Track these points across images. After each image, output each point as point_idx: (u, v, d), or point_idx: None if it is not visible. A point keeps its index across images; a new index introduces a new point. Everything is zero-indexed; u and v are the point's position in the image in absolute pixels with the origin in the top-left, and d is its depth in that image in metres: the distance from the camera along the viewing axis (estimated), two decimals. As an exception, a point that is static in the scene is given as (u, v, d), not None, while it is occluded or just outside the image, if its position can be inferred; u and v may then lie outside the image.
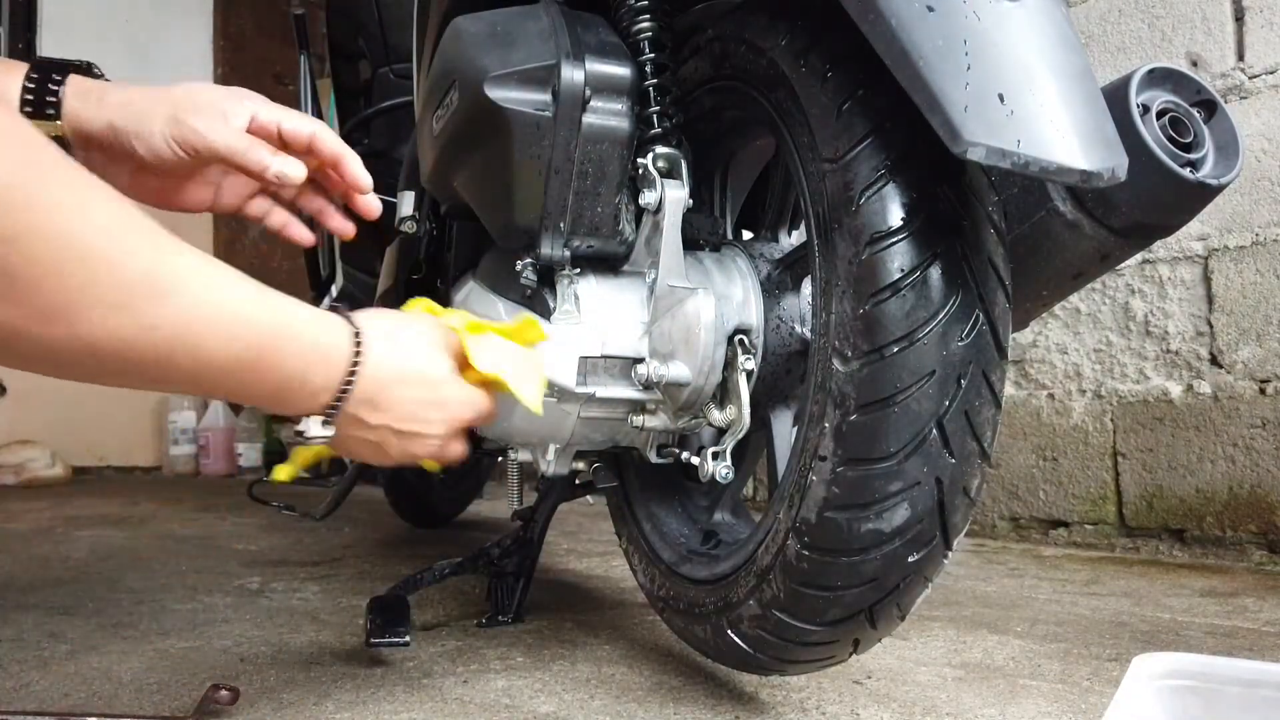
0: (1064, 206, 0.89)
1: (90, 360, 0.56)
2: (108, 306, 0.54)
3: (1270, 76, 1.93)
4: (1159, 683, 0.66)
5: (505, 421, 1.03)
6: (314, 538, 2.25)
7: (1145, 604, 1.51)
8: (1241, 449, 1.95)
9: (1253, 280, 1.95)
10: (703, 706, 0.97)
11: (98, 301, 0.54)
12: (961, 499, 0.77)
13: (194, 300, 0.58)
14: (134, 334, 0.56)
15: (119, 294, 0.55)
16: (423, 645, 1.22)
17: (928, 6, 0.67)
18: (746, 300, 0.97)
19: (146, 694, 1.02)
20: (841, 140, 0.77)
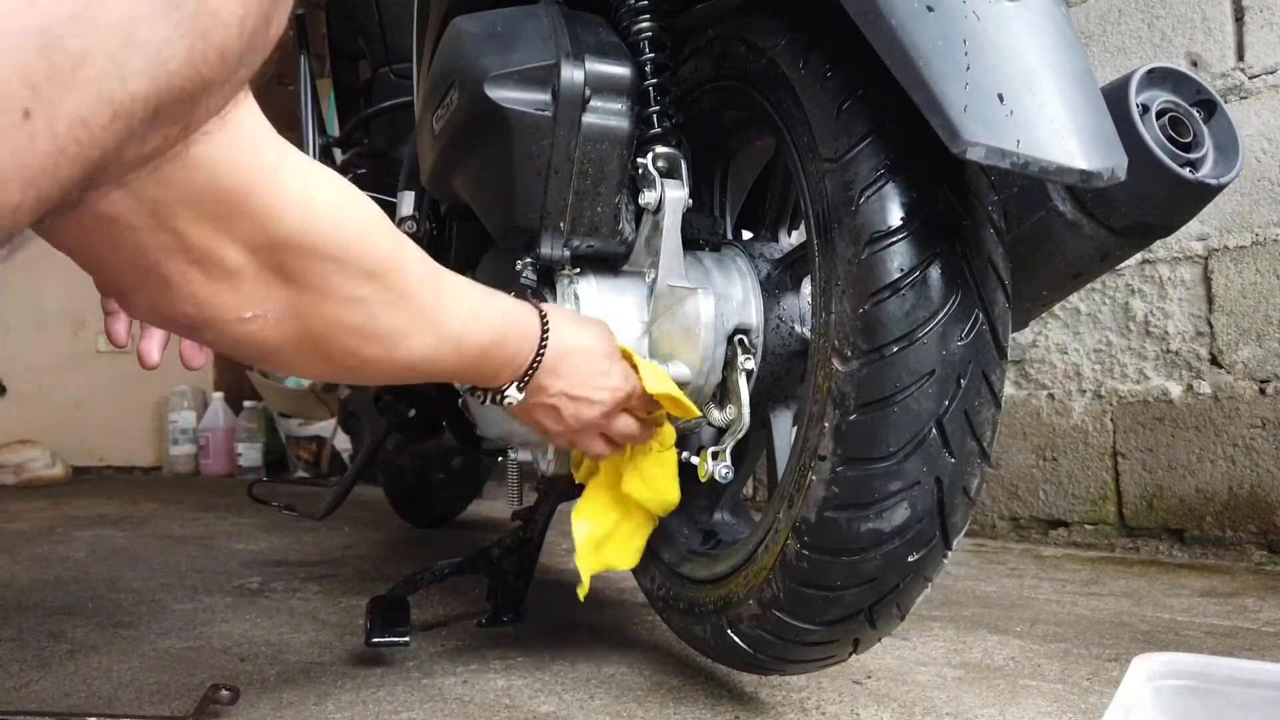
0: (1064, 206, 0.89)
1: (406, 374, 0.76)
2: (422, 331, 0.72)
3: (1270, 76, 1.93)
4: (1159, 683, 0.66)
5: (505, 422, 1.03)
6: (314, 538, 2.25)
7: (1145, 604, 1.51)
8: (1241, 449, 1.95)
9: (1253, 280, 1.95)
10: (703, 706, 0.97)
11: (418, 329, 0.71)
12: (961, 499, 0.77)
13: (465, 315, 0.76)
14: (434, 348, 0.73)
15: (429, 320, 0.72)
16: (423, 645, 1.22)
17: (927, 6, 0.67)
18: (746, 300, 0.97)
19: (146, 694, 1.02)
20: (841, 140, 0.77)
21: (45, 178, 0.26)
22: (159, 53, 0.28)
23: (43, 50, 0.25)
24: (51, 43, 0.25)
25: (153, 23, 0.27)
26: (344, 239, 0.63)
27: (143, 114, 0.28)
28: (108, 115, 0.27)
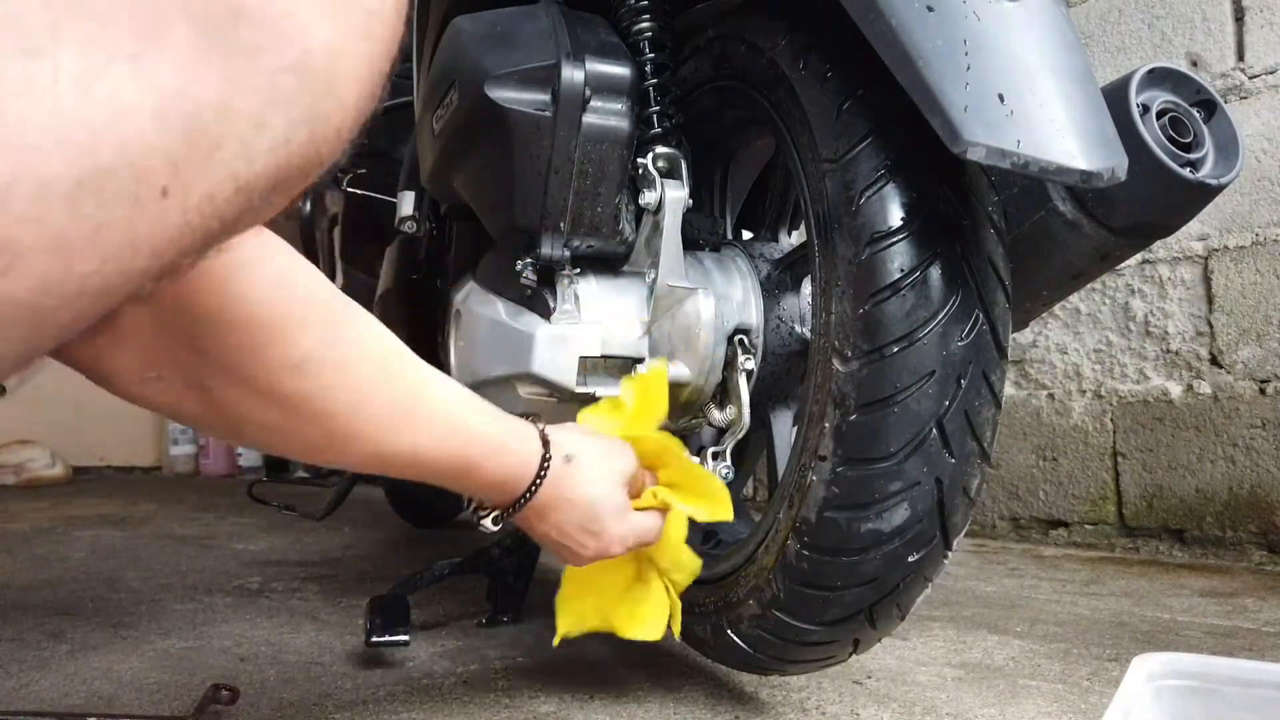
0: (1064, 206, 0.89)
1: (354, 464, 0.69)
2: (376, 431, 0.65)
3: (1270, 76, 1.93)
4: (1159, 683, 0.66)
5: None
6: (314, 538, 2.25)
7: (1145, 604, 1.51)
8: (1241, 449, 1.95)
9: (1253, 280, 1.95)
10: (703, 706, 0.97)
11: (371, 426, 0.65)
12: (961, 499, 0.77)
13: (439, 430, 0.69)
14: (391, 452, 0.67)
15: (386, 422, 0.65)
16: (423, 645, 1.22)
17: (928, 6, 0.67)
18: (746, 300, 0.97)
19: (146, 694, 1.02)
20: (841, 140, 0.77)
21: (171, 248, 0.28)
22: (285, 136, 0.30)
23: (188, 134, 0.26)
24: (197, 128, 0.27)
25: (284, 109, 0.29)
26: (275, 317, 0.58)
27: (262, 190, 0.30)
28: (232, 191, 0.29)
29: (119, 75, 0.25)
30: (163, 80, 0.26)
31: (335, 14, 0.30)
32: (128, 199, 0.26)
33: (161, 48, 0.26)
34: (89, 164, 0.24)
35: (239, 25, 0.27)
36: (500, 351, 1.01)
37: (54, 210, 0.24)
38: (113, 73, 0.25)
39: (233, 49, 0.27)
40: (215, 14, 0.27)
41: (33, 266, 0.24)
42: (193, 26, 0.26)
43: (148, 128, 0.26)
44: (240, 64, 0.27)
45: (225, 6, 0.27)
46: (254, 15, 0.28)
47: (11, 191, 0.23)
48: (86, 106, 0.24)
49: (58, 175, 0.24)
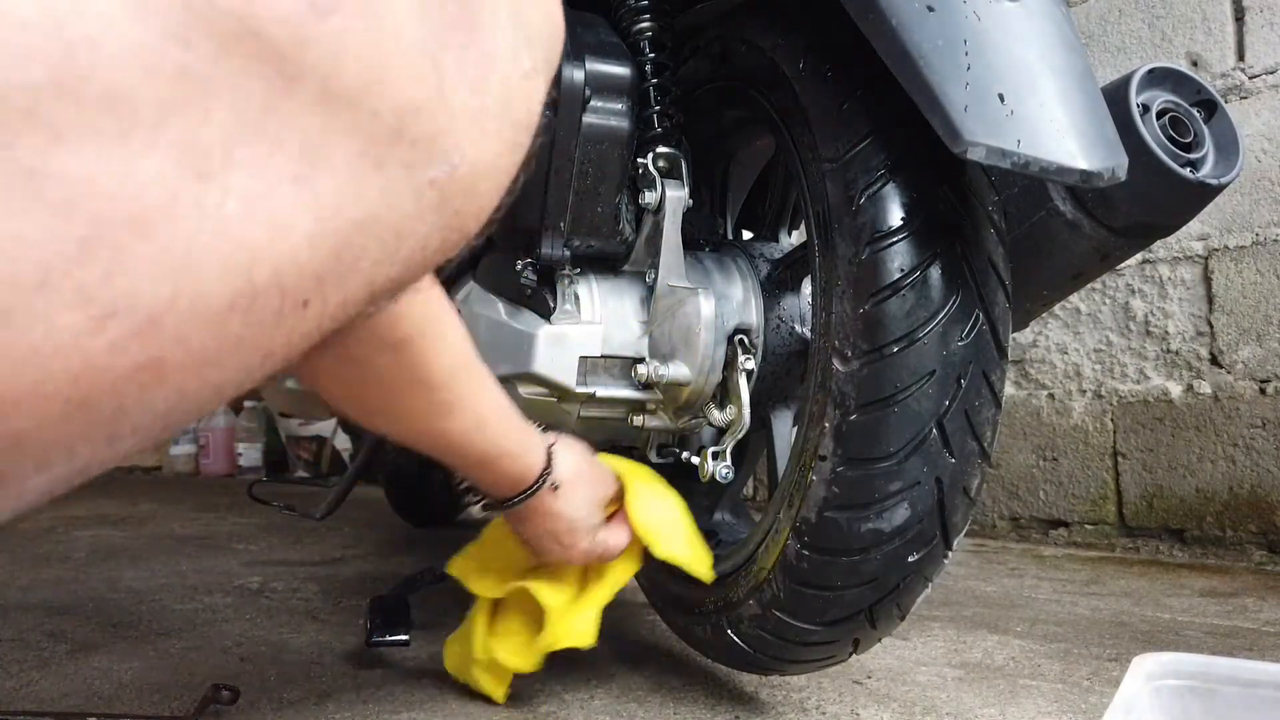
0: (1064, 206, 0.89)
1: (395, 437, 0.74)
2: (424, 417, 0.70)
3: (1270, 76, 1.93)
4: (1159, 683, 0.66)
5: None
6: (314, 538, 2.25)
7: (1145, 604, 1.51)
8: (1242, 449, 1.95)
9: (1253, 280, 1.95)
10: (703, 706, 0.97)
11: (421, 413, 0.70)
12: (961, 499, 0.77)
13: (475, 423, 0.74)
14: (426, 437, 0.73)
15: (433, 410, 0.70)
16: (423, 645, 1.22)
17: (928, 6, 0.67)
18: (746, 300, 0.97)
19: (147, 694, 1.02)
20: (841, 140, 0.77)
21: (299, 350, 0.29)
22: (423, 244, 0.30)
23: (337, 251, 0.27)
24: (345, 243, 0.27)
25: (424, 220, 0.29)
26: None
27: (393, 290, 0.31)
28: (365, 296, 0.29)
29: (282, 196, 0.25)
30: (322, 200, 0.26)
31: (486, 131, 0.30)
32: (272, 315, 0.26)
33: (325, 168, 0.26)
34: (243, 285, 0.25)
35: (399, 144, 0.27)
36: (500, 351, 1.01)
37: (202, 330, 0.24)
38: (277, 194, 0.25)
39: (389, 166, 0.27)
40: (379, 134, 0.27)
41: (173, 381, 0.25)
42: (356, 146, 0.26)
43: (301, 247, 0.26)
44: (392, 180, 0.28)
45: (389, 127, 0.27)
46: (414, 134, 0.28)
47: (170, 312, 0.24)
48: (248, 229, 0.24)
49: (212, 296, 0.24)
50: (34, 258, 0.21)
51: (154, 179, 0.22)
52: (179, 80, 0.23)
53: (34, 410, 0.22)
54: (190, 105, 0.23)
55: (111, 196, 0.22)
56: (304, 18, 0.24)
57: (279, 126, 0.25)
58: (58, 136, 0.21)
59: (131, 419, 0.25)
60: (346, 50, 0.25)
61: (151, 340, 0.23)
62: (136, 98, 0.22)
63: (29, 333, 0.21)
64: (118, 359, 0.23)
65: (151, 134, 0.22)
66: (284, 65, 0.24)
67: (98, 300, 0.22)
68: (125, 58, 0.22)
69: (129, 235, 0.22)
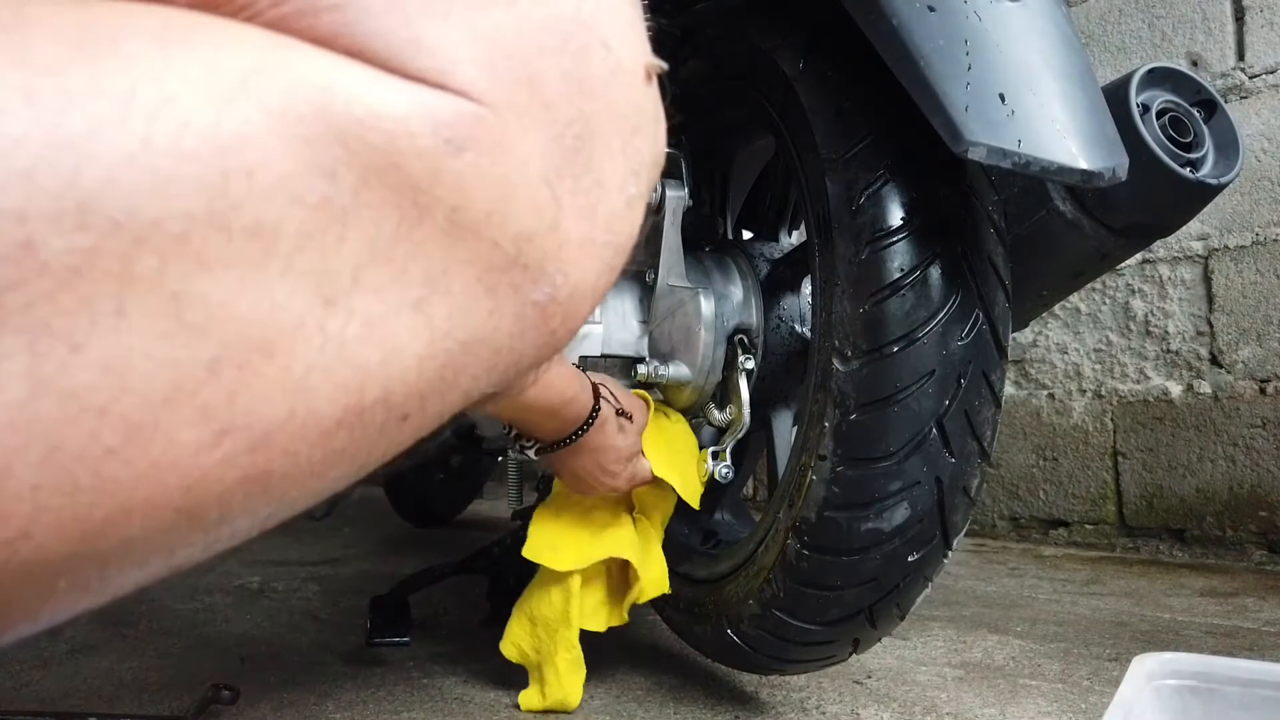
0: (1064, 206, 0.89)
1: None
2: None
3: (1270, 76, 1.93)
4: (1159, 682, 0.66)
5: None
6: (314, 537, 2.25)
7: (1145, 604, 1.51)
8: (1242, 449, 1.95)
9: (1253, 280, 1.95)
10: (702, 706, 0.97)
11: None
12: (961, 498, 0.77)
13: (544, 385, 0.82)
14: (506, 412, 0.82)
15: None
16: (423, 645, 1.22)
17: (929, 6, 0.67)
18: (746, 300, 0.97)
19: (147, 694, 1.02)
20: (841, 140, 0.77)
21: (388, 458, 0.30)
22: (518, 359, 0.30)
23: (441, 371, 0.28)
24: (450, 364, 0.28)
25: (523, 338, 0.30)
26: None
27: (482, 401, 0.32)
28: (458, 405, 0.30)
29: (400, 320, 0.26)
30: (435, 324, 0.26)
31: (589, 253, 0.30)
32: (375, 431, 0.27)
33: (443, 292, 0.26)
34: (353, 404, 0.25)
35: (513, 269, 0.28)
36: (500, 351, 1.01)
37: (310, 445, 0.25)
38: (395, 318, 0.25)
39: (500, 290, 0.28)
40: (498, 260, 0.27)
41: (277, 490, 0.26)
42: (474, 273, 0.27)
43: (410, 370, 0.26)
44: (500, 303, 0.28)
45: (506, 255, 0.27)
46: (528, 259, 0.28)
47: (282, 430, 0.24)
48: (365, 351, 0.25)
49: (324, 415, 0.25)
50: (166, 376, 0.22)
51: (285, 304, 0.23)
52: (320, 210, 0.23)
53: (146, 519, 0.23)
54: (327, 234, 0.24)
55: (245, 320, 0.23)
56: (441, 151, 0.25)
57: (406, 255, 0.25)
58: (204, 264, 0.22)
59: (232, 525, 0.26)
60: (476, 184, 0.26)
61: (262, 455, 0.24)
62: (279, 227, 0.23)
63: (151, 448, 0.22)
64: (229, 472, 0.24)
65: (287, 261, 0.23)
66: (418, 197, 0.25)
67: (219, 418, 0.23)
68: (275, 189, 0.22)
69: (256, 357, 0.23)
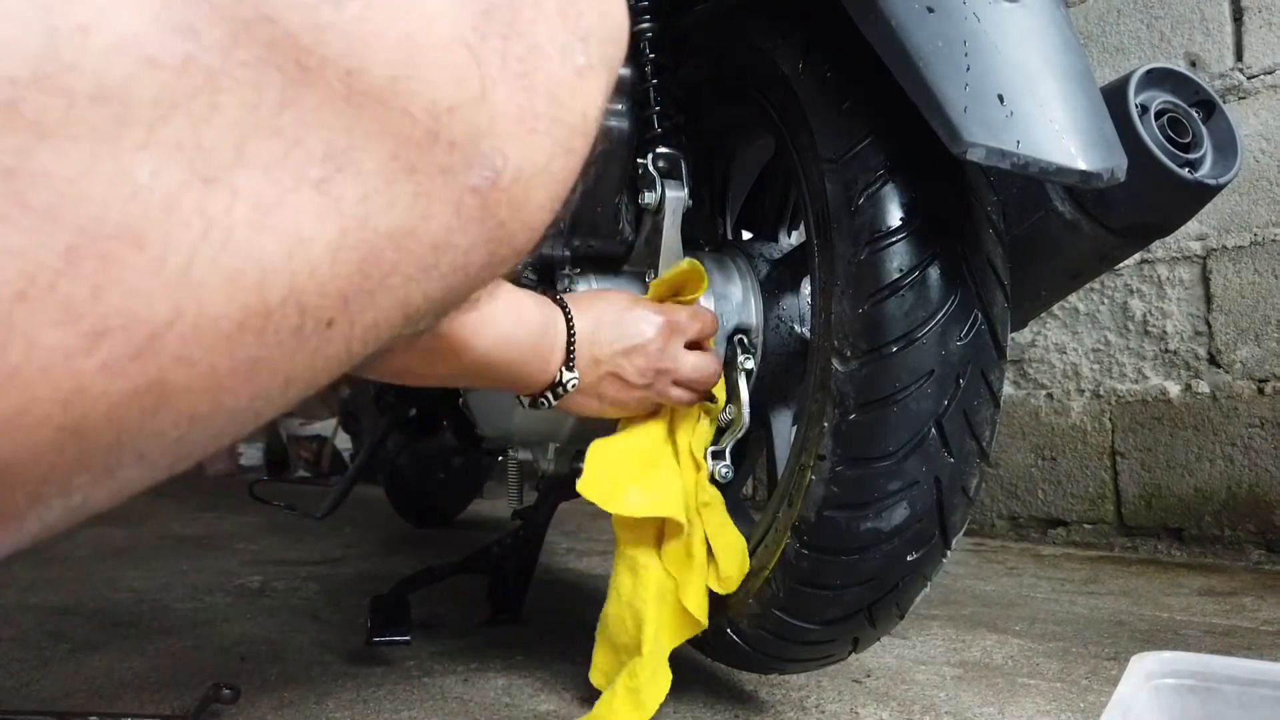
0: (1062, 206, 0.89)
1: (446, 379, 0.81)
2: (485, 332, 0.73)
3: (1269, 77, 1.93)
4: (1157, 681, 0.66)
5: (504, 421, 1.03)
6: (315, 537, 2.25)
7: (1144, 603, 1.51)
8: (1240, 448, 1.95)
9: (1251, 280, 1.95)
10: (702, 705, 0.97)
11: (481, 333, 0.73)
12: (960, 498, 0.77)
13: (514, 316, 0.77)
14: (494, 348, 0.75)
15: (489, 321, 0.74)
16: (423, 644, 1.22)
17: (928, 7, 0.67)
18: (746, 300, 0.97)
19: (147, 693, 1.02)
20: (841, 140, 0.77)
21: (326, 376, 0.26)
22: (463, 260, 0.27)
23: (362, 265, 0.24)
24: (372, 257, 0.24)
25: (464, 233, 0.26)
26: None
27: (434, 311, 0.28)
28: (400, 318, 0.27)
29: (300, 204, 0.22)
30: (345, 208, 0.23)
31: (534, 130, 0.27)
32: (290, 335, 0.24)
33: (350, 171, 0.23)
34: (255, 302, 0.22)
35: (436, 146, 0.25)
36: (500, 351, 1.01)
37: (210, 351, 0.22)
38: (294, 201, 0.22)
39: (423, 172, 0.25)
40: (414, 134, 0.24)
41: (180, 405, 0.23)
42: (387, 147, 0.24)
43: (321, 262, 0.23)
44: (427, 188, 0.25)
45: (424, 127, 0.24)
46: (453, 134, 0.25)
47: (170, 331, 0.21)
48: (260, 240, 0.22)
49: (220, 315, 0.22)
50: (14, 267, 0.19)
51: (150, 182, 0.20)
52: (181, 73, 0.20)
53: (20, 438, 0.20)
54: (195, 100, 0.21)
55: (102, 201, 0.20)
56: (318, 2, 0.22)
57: (297, 125, 0.22)
58: (41, 134, 0.19)
59: (135, 447, 0.23)
60: (370, 40, 0.23)
61: (151, 361, 0.21)
62: (133, 92, 0.20)
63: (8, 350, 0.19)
64: (114, 381, 0.21)
65: (149, 132, 0.20)
66: (302, 55, 0.22)
67: (87, 316, 0.20)
68: (119, 49, 0.20)
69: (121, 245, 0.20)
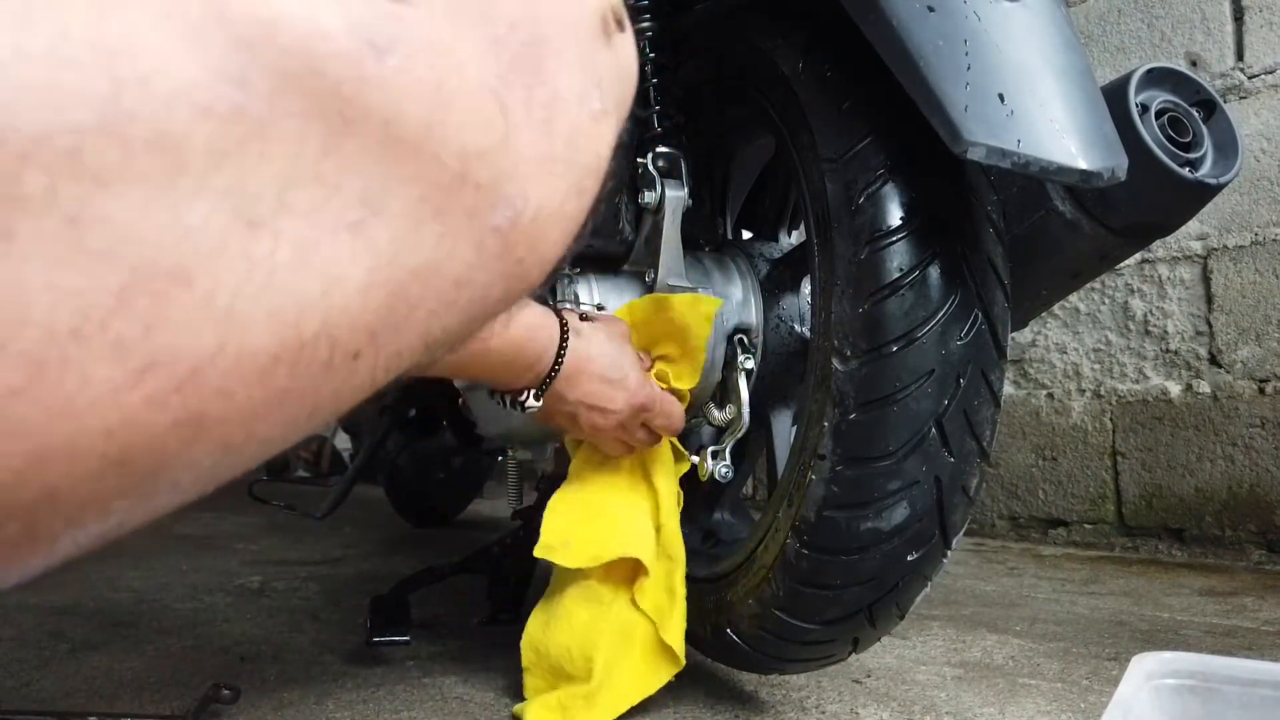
0: (1063, 206, 0.89)
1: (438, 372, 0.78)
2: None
3: (1269, 76, 1.93)
4: (1157, 682, 0.66)
5: (505, 421, 1.03)
6: (314, 537, 2.25)
7: (1144, 603, 1.51)
8: (1241, 448, 1.95)
9: (1252, 280, 1.95)
10: (702, 706, 0.97)
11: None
12: (960, 498, 0.77)
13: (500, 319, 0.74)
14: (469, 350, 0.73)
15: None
16: (423, 644, 1.22)
17: (928, 6, 0.67)
18: (746, 299, 0.97)
19: (147, 693, 1.02)
20: (841, 140, 0.77)
21: (348, 403, 0.27)
22: (482, 294, 0.28)
23: (389, 302, 0.25)
24: (400, 294, 0.26)
25: (485, 269, 0.28)
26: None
27: (452, 341, 0.30)
28: (420, 348, 0.28)
29: (337, 246, 0.24)
30: (377, 249, 0.25)
31: (552, 173, 0.28)
32: (320, 368, 0.25)
33: (383, 216, 0.24)
34: (291, 337, 0.23)
35: (463, 190, 0.26)
36: (500, 351, 1.01)
37: (246, 384, 0.23)
38: (331, 243, 0.24)
39: (450, 214, 0.26)
40: (442, 179, 0.25)
41: (216, 435, 0.24)
42: (417, 192, 0.25)
43: (353, 299, 0.24)
44: (452, 228, 0.26)
45: (452, 172, 0.25)
46: (479, 178, 0.26)
47: (212, 365, 0.22)
48: (299, 280, 0.23)
49: (258, 350, 0.23)
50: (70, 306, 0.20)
51: (201, 226, 0.21)
52: (233, 122, 0.21)
53: (68, 466, 0.21)
54: (244, 149, 0.22)
55: (155, 244, 0.21)
56: (363, 54, 0.23)
57: (337, 172, 0.23)
58: (101, 181, 0.20)
59: (171, 475, 0.24)
60: (407, 91, 0.24)
61: (192, 394, 0.22)
62: (186, 141, 0.21)
63: (63, 385, 0.20)
64: (157, 414, 0.22)
65: (201, 179, 0.21)
66: (344, 106, 0.23)
67: (136, 353, 0.21)
68: (176, 98, 0.21)
69: (171, 285, 0.21)
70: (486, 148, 0.26)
